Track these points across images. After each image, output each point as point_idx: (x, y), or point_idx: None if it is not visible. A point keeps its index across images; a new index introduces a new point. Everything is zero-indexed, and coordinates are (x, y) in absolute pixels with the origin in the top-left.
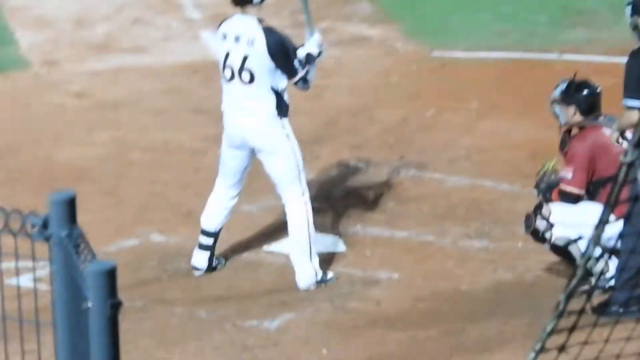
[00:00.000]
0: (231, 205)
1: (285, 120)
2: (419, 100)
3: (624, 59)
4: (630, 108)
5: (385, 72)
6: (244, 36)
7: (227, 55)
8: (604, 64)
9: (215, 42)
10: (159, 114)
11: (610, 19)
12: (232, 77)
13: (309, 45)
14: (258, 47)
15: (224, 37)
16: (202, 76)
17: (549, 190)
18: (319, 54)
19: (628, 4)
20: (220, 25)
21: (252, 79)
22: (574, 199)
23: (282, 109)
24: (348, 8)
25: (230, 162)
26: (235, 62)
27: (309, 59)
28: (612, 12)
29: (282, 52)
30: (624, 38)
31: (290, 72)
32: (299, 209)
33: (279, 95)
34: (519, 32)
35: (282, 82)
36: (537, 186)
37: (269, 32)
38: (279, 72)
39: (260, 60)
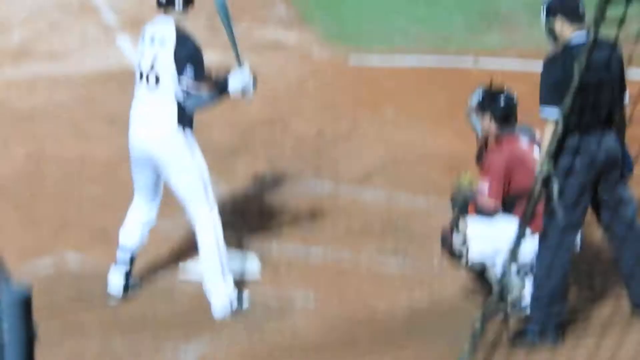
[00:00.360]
0: (148, 219)
1: (189, 132)
2: (335, 109)
3: (539, 63)
4: (548, 121)
5: (300, 80)
6: (158, 36)
7: (141, 57)
8: (519, 72)
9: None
10: (75, 124)
11: (526, 21)
12: (141, 79)
13: (231, 80)
14: (167, 48)
15: (142, 38)
16: (117, 84)
17: (465, 204)
18: (243, 92)
19: (542, 7)
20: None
21: (157, 82)
22: (491, 211)
23: (185, 119)
24: (264, 11)
25: (138, 177)
26: (145, 63)
27: (221, 88)
28: (529, 14)
29: (187, 59)
30: (540, 40)
31: (184, 79)
32: (206, 227)
33: (182, 109)
34: (434, 36)
35: (186, 99)
36: (452, 200)
37: (182, 36)
38: (179, 75)
39: (167, 62)
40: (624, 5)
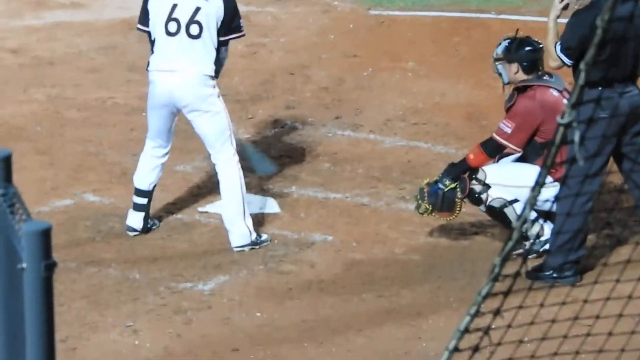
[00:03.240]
0: (161, 162)
1: (216, 82)
2: (356, 59)
3: (560, 20)
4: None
5: (322, 31)
6: None
7: (173, 8)
8: (540, 23)
9: None
10: (95, 71)
11: None
12: (178, 30)
13: None
14: (212, 3)
15: None
16: (139, 33)
17: (444, 202)
18: None
19: None
20: None
21: (200, 33)
22: (498, 150)
23: (218, 68)
24: None
25: (157, 121)
26: (184, 14)
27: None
28: None
29: (234, 7)
30: None
31: (237, 29)
32: (231, 170)
33: (219, 53)
34: None
35: (223, 50)
36: (422, 197)
37: None
38: (224, 29)
39: (214, 13)
40: None
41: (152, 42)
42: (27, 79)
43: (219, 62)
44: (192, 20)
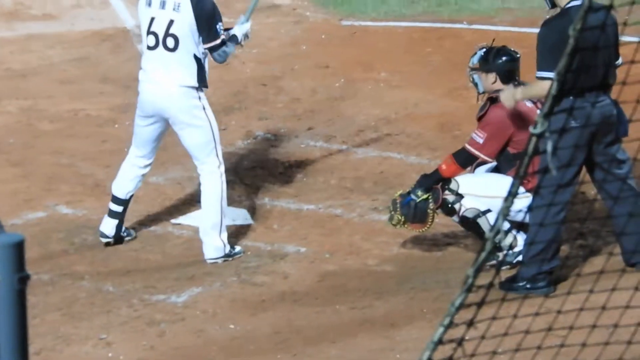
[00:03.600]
0: (142, 173)
1: (202, 92)
2: (328, 70)
3: (532, 30)
4: (543, 79)
5: (294, 42)
6: (169, 1)
7: (151, 22)
8: (513, 33)
9: (139, 9)
10: (68, 82)
11: None
12: (156, 44)
13: (237, 29)
14: (184, 11)
15: (149, 3)
16: (111, 44)
17: (416, 213)
18: (240, 41)
19: None
20: None
21: (176, 46)
22: (470, 160)
23: (202, 78)
24: None
25: (143, 132)
26: (160, 28)
27: (232, 39)
28: None
29: (207, 15)
30: (533, 7)
31: (213, 35)
32: (213, 182)
33: (200, 63)
34: (428, 1)
35: (203, 48)
36: (394, 208)
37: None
38: (203, 37)
39: (186, 24)
40: None
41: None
42: (0, 91)
43: (202, 71)
44: (167, 34)
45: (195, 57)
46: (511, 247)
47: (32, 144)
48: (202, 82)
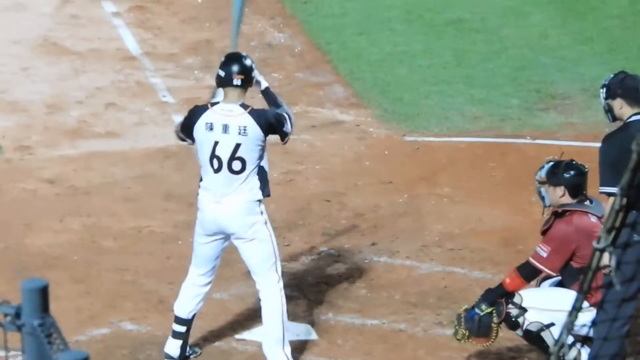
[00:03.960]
0: (204, 291)
1: (263, 207)
2: (391, 185)
3: (595, 144)
4: (609, 194)
5: (357, 157)
6: (234, 125)
7: (215, 145)
8: (576, 147)
9: (197, 131)
10: (131, 200)
11: (582, 104)
12: (220, 167)
13: (262, 80)
14: (251, 132)
15: (210, 127)
16: (175, 162)
17: (480, 327)
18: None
19: (602, 87)
20: (196, 113)
21: (243, 168)
22: (534, 274)
23: (265, 187)
24: (322, 92)
25: (205, 250)
26: (224, 152)
27: (274, 97)
28: (585, 96)
29: (271, 121)
30: (597, 122)
31: (284, 133)
32: (274, 297)
33: (264, 173)
34: (491, 117)
35: (265, 157)
36: (459, 323)
37: (254, 113)
38: (264, 148)
39: (254, 144)
40: None
41: (200, 171)
42: (64, 209)
43: (265, 181)
44: (233, 157)
45: (261, 169)
46: None
47: (96, 261)
48: (265, 191)
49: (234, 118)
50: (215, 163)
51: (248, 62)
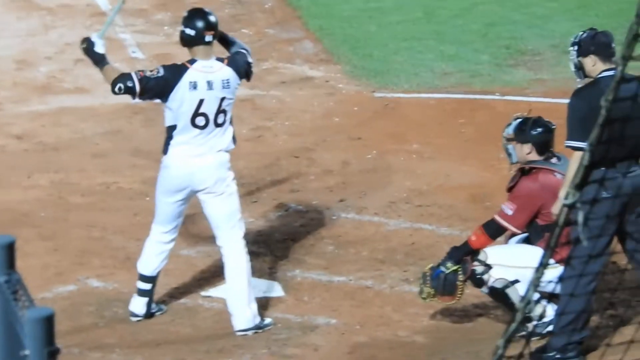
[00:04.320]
0: (168, 248)
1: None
2: (360, 141)
3: (565, 101)
4: (575, 149)
5: (327, 113)
6: (217, 80)
7: (200, 103)
8: (545, 104)
9: (178, 93)
10: (99, 156)
11: (552, 60)
12: (207, 123)
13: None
14: (232, 83)
15: (194, 86)
16: (143, 117)
17: (445, 285)
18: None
19: (573, 44)
20: (177, 73)
21: (225, 119)
22: (499, 231)
23: (234, 138)
24: (292, 48)
25: (171, 208)
26: (210, 108)
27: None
28: (554, 53)
29: (245, 68)
30: (566, 78)
31: (252, 72)
32: (238, 253)
33: (231, 123)
34: (461, 73)
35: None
36: (424, 281)
37: (232, 63)
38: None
39: (234, 93)
40: None
41: (170, 128)
42: (32, 165)
43: (234, 136)
44: (219, 111)
45: (231, 120)
46: (541, 317)
47: (64, 218)
48: (234, 141)
49: (216, 73)
50: (201, 120)
51: (213, 17)
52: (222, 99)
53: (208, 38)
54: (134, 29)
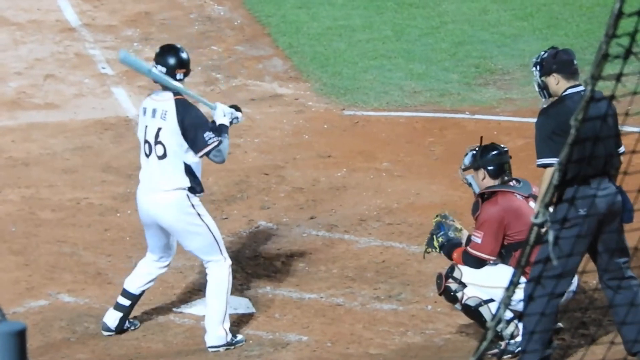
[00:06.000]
0: (158, 273)
1: (196, 199)
2: (330, 159)
3: (534, 120)
4: (547, 166)
5: (297, 131)
6: (159, 109)
7: (145, 129)
8: (515, 123)
9: (139, 117)
10: (69, 171)
11: (521, 79)
12: (150, 152)
13: (217, 118)
14: (169, 119)
15: (144, 112)
16: (113, 134)
17: (449, 246)
18: (232, 122)
19: (535, 64)
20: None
21: (164, 153)
22: (478, 262)
23: (194, 186)
24: (261, 65)
25: (150, 239)
26: (151, 136)
27: (223, 129)
28: (524, 72)
29: (191, 124)
30: (535, 97)
31: (200, 144)
32: (220, 274)
33: (190, 170)
34: (430, 92)
35: (194, 156)
36: (431, 238)
37: (180, 104)
38: (190, 144)
39: (171, 131)
40: (621, 62)
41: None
42: (2, 180)
43: (195, 179)
44: (157, 141)
45: (185, 164)
46: (512, 336)
47: (34, 233)
48: (193, 190)
49: (161, 103)
50: (147, 148)
51: (185, 55)
52: (159, 129)
53: (179, 76)
54: (104, 45)
